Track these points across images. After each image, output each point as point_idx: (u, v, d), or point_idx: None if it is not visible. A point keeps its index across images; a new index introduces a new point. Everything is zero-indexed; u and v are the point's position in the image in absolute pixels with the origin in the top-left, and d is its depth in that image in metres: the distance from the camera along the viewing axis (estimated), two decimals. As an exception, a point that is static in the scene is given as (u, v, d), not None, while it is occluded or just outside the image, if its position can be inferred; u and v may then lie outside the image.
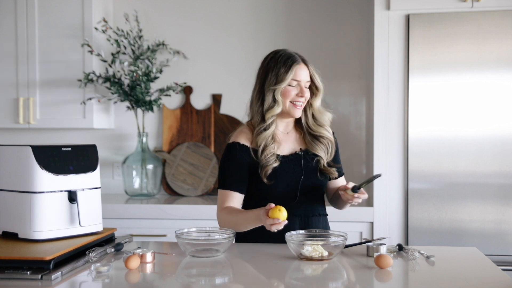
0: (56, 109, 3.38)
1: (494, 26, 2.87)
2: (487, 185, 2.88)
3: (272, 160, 2.00)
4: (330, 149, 2.10)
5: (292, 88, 2.01)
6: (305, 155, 2.07)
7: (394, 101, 2.98)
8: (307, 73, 2.03)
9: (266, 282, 1.64)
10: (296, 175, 2.04)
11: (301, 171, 2.04)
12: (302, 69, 2.02)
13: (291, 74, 2.00)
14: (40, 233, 1.83)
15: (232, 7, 3.59)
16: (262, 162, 2.00)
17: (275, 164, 2.00)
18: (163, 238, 3.05)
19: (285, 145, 2.08)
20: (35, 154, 1.84)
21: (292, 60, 2.02)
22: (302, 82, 2.02)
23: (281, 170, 2.01)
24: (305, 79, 2.02)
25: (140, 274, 1.66)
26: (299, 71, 2.01)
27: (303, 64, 2.03)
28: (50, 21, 3.36)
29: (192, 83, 3.60)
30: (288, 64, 2.01)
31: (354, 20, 3.49)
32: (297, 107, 2.03)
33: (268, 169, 1.99)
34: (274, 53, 2.08)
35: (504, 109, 2.87)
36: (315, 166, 2.07)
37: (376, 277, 1.62)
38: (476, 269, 1.72)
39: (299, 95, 2.01)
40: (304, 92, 2.02)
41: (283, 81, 2.00)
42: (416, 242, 2.89)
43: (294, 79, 2.00)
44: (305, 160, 2.06)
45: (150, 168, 3.44)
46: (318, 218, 2.09)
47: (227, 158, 2.06)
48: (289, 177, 2.03)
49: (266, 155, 2.00)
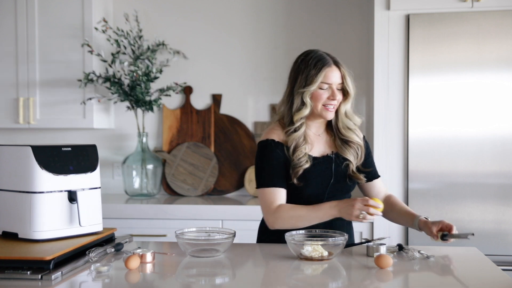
0: (56, 109, 3.38)
1: (494, 26, 2.87)
2: (487, 185, 2.88)
3: (303, 161, 1.97)
4: (360, 153, 2.07)
5: (323, 91, 1.97)
6: (336, 159, 2.04)
7: (394, 101, 2.98)
8: (339, 75, 1.98)
9: (266, 282, 1.64)
10: (326, 178, 2.01)
11: (331, 175, 2.02)
12: (333, 72, 1.97)
13: (321, 77, 1.96)
14: (40, 233, 1.83)
15: (232, 7, 3.59)
16: (294, 162, 1.97)
17: (307, 165, 1.97)
18: (163, 238, 3.05)
19: (316, 146, 2.05)
20: (35, 154, 1.84)
21: (323, 62, 1.97)
22: (333, 85, 1.97)
23: (312, 172, 1.98)
24: (337, 81, 1.98)
25: (140, 274, 1.66)
26: (329, 73, 1.96)
27: (334, 67, 1.98)
28: (50, 21, 3.36)
29: (192, 83, 3.61)
30: (318, 66, 1.97)
31: (354, 20, 3.49)
32: (329, 110, 1.99)
33: (299, 170, 1.96)
34: (305, 55, 2.03)
35: (504, 109, 2.87)
36: (345, 170, 2.05)
37: (376, 277, 1.62)
38: (476, 269, 1.72)
39: (331, 98, 1.97)
40: (335, 95, 1.97)
41: (312, 84, 1.96)
42: (416, 242, 2.89)
43: (324, 82, 1.96)
44: (336, 164, 2.04)
45: (150, 168, 3.44)
46: (342, 222, 2.05)
47: (265, 156, 2.01)
48: (319, 180, 2.00)
49: (297, 156, 1.97)
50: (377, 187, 2.15)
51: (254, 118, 3.59)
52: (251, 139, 3.55)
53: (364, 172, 2.08)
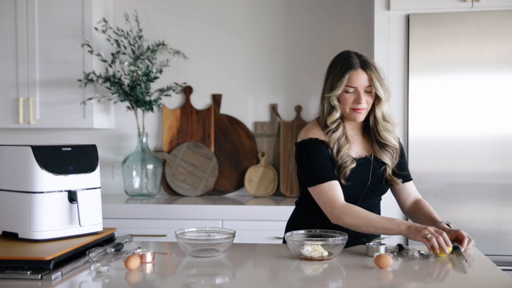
0: (56, 109, 3.38)
1: (494, 26, 2.87)
2: (487, 185, 2.88)
3: (349, 161, 1.96)
4: (395, 156, 2.06)
5: (349, 95, 1.95)
6: (374, 161, 2.04)
7: (394, 101, 2.97)
8: (366, 78, 1.94)
9: (266, 282, 1.64)
10: (363, 180, 2.01)
11: (369, 177, 2.01)
12: (358, 75, 1.94)
13: (345, 81, 1.94)
14: (40, 233, 1.83)
15: (232, 7, 3.59)
16: (339, 163, 1.96)
17: (353, 165, 1.96)
18: (163, 238, 3.05)
19: (353, 147, 2.04)
20: (35, 154, 1.84)
21: (348, 66, 1.95)
22: (359, 88, 1.95)
23: (353, 172, 1.98)
24: (363, 84, 1.95)
25: (140, 274, 1.66)
26: (354, 77, 1.94)
27: (360, 70, 1.94)
28: (50, 21, 3.36)
29: (192, 83, 3.61)
30: (342, 70, 1.95)
31: (354, 20, 3.49)
32: (357, 112, 1.97)
33: (347, 170, 1.95)
34: (336, 58, 2.01)
35: (504, 109, 2.87)
36: (382, 174, 2.04)
37: (376, 277, 1.62)
38: (476, 269, 1.72)
39: (356, 102, 1.95)
40: (360, 99, 1.94)
41: (337, 89, 1.95)
42: (416, 242, 2.88)
43: (349, 85, 1.94)
44: (374, 167, 2.03)
45: (150, 168, 3.44)
46: None
47: (311, 153, 1.98)
48: (357, 181, 1.99)
49: (342, 156, 1.97)
50: (408, 189, 2.13)
51: (254, 118, 3.59)
52: (251, 139, 3.55)
53: (399, 175, 2.07)
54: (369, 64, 1.96)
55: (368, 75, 1.95)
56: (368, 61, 1.97)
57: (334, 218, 1.92)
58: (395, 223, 1.86)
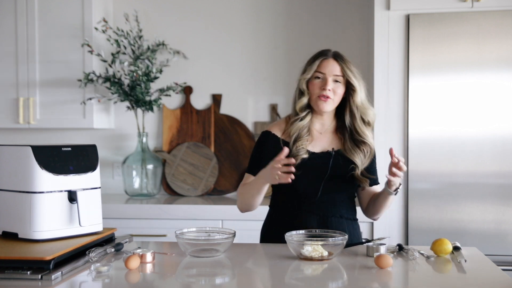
0: (56, 109, 3.38)
1: (494, 26, 2.87)
2: (487, 185, 2.88)
3: (302, 151, 2.02)
4: (368, 156, 2.08)
5: (318, 81, 2.04)
6: (337, 156, 2.06)
7: (394, 101, 2.98)
8: (337, 67, 2.03)
9: (266, 282, 1.64)
10: (321, 172, 2.03)
11: (327, 169, 2.03)
12: (328, 63, 2.04)
13: (315, 66, 2.04)
14: (40, 233, 1.83)
15: (232, 7, 3.59)
16: (293, 151, 2.01)
17: (305, 155, 2.01)
18: (163, 238, 3.05)
19: (317, 143, 2.08)
20: (35, 154, 1.84)
21: (321, 54, 2.07)
22: (327, 75, 2.02)
23: (308, 164, 2.02)
24: (332, 72, 2.03)
25: (140, 274, 1.66)
26: (324, 63, 2.04)
27: (332, 59, 2.04)
28: (50, 21, 3.36)
29: (192, 83, 3.61)
30: (314, 57, 2.07)
31: (354, 20, 3.49)
32: (322, 99, 2.02)
33: (297, 159, 2.00)
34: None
35: (504, 109, 2.87)
36: (346, 171, 2.05)
37: (376, 277, 1.62)
38: (476, 269, 1.72)
39: (322, 88, 2.02)
40: (326, 85, 2.01)
41: (306, 72, 2.05)
42: (416, 242, 2.89)
43: (318, 71, 2.03)
44: (335, 160, 2.05)
45: (150, 168, 3.44)
46: (339, 219, 2.06)
47: (257, 145, 2.13)
48: (314, 173, 2.02)
49: (297, 146, 2.02)
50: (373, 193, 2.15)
51: (254, 118, 3.59)
52: (251, 139, 3.55)
53: (368, 178, 2.08)
54: (343, 57, 2.07)
55: (339, 65, 2.04)
56: (342, 55, 2.08)
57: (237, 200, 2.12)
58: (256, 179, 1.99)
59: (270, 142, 2.08)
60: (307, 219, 2.02)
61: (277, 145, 2.05)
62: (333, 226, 2.03)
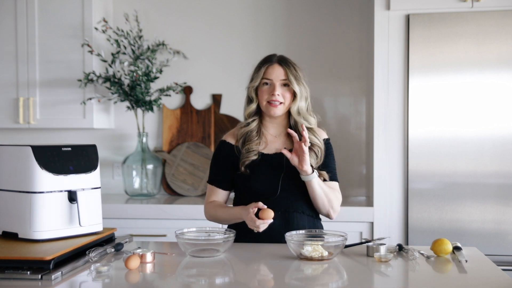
0: (56, 109, 3.38)
1: (494, 26, 2.87)
2: (487, 185, 2.88)
3: (252, 153, 2.07)
4: (320, 155, 2.10)
5: (266, 88, 2.08)
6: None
7: (394, 101, 2.98)
8: (282, 72, 2.07)
9: (266, 282, 1.64)
10: (277, 171, 2.07)
11: (283, 168, 2.07)
12: (274, 69, 2.08)
13: (261, 73, 2.08)
14: (40, 233, 1.83)
15: (232, 8, 3.59)
16: (242, 153, 2.08)
17: (254, 157, 2.06)
18: (163, 238, 3.05)
19: (272, 145, 2.13)
20: (35, 154, 1.84)
21: (265, 60, 2.11)
22: (274, 81, 2.07)
23: (262, 165, 2.07)
24: (278, 78, 2.07)
25: (140, 274, 1.66)
26: (270, 69, 2.08)
27: (276, 65, 2.08)
28: (50, 21, 3.36)
29: (192, 83, 3.61)
30: (260, 64, 2.12)
31: (354, 20, 3.49)
32: (272, 106, 2.06)
33: (246, 161, 2.06)
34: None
35: (504, 109, 2.87)
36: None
37: (376, 277, 1.62)
38: (476, 269, 1.72)
39: (271, 93, 2.06)
40: (275, 91, 2.05)
41: (253, 81, 2.10)
42: (416, 242, 2.89)
43: (264, 77, 2.08)
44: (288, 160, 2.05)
45: (150, 168, 3.44)
46: (301, 215, 2.08)
47: (214, 155, 2.20)
48: (271, 173, 2.06)
49: (247, 148, 2.08)
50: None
51: (254, 118, 3.58)
52: (251, 139, 3.55)
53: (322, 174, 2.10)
54: (287, 61, 2.10)
55: (283, 69, 2.07)
56: (286, 59, 2.11)
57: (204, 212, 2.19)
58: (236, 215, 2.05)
59: (224, 150, 2.15)
60: None
61: (231, 153, 2.13)
62: (294, 222, 2.05)
